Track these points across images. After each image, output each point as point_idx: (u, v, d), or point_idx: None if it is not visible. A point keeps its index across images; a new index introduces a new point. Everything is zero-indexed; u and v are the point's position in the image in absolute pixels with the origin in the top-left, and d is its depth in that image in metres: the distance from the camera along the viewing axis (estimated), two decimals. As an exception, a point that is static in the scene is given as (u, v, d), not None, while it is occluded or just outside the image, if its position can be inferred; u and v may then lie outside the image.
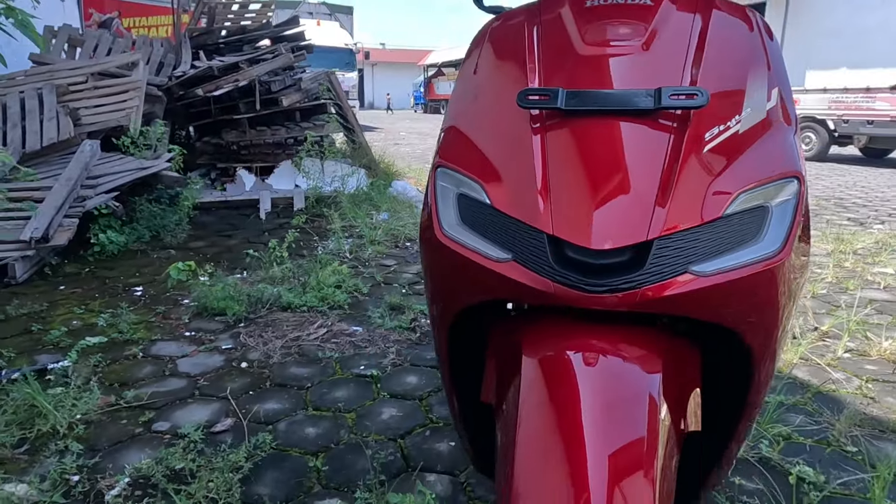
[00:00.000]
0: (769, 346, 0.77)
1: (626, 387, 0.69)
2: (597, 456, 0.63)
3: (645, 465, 0.64)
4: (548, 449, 0.66)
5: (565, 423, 0.67)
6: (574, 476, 0.63)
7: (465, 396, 0.98)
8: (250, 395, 1.99)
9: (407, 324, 2.56)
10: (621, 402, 0.68)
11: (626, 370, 0.71)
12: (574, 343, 0.73)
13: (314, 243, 3.93)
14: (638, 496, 0.62)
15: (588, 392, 0.68)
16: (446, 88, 34.51)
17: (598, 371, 0.70)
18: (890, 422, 1.82)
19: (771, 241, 0.72)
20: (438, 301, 0.90)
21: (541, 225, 0.73)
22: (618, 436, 0.65)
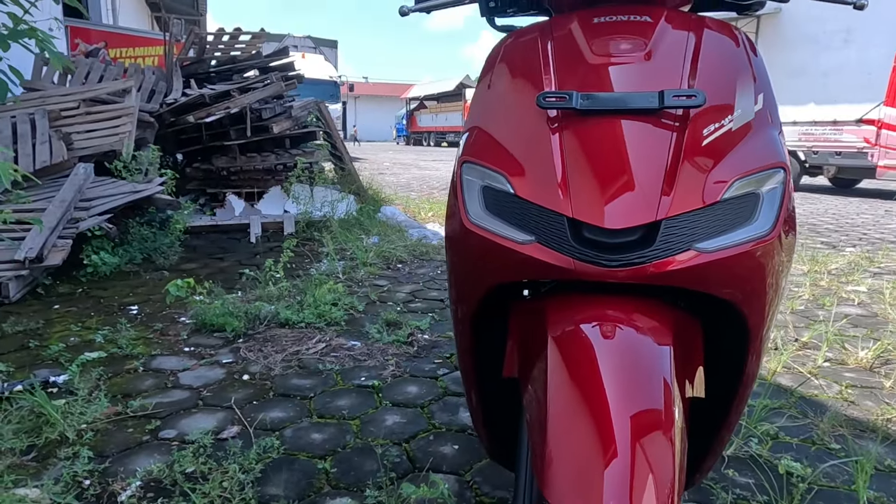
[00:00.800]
0: (763, 318, 0.86)
1: (643, 355, 0.77)
2: (620, 417, 0.70)
3: (664, 425, 0.71)
4: (576, 411, 0.73)
5: (590, 388, 0.74)
6: (601, 435, 0.70)
7: (481, 375, 1.05)
8: (254, 405, 2.02)
9: (404, 338, 2.62)
10: (640, 369, 0.75)
11: (641, 340, 0.79)
12: (593, 315, 0.81)
13: (307, 265, 3.98)
14: (659, 453, 0.69)
15: (608, 360, 0.76)
16: (428, 121, 35.08)
17: (616, 341, 0.78)
18: (870, 422, 1.92)
19: (763, 222, 0.81)
20: (463, 285, 0.97)
21: (561, 209, 0.81)
22: (638, 399, 0.72)
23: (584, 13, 0.99)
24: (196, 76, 6.48)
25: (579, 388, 0.75)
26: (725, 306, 0.85)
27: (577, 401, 0.74)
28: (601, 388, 0.73)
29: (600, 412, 0.71)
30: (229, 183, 5.80)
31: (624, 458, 0.66)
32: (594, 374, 0.75)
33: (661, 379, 0.75)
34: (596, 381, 0.74)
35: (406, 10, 1.25)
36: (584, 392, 0.75)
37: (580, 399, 0.74)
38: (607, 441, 0.68)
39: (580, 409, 0.73)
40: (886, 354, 2.46)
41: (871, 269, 4.12)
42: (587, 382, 0.75)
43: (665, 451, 0.70)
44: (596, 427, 0.70)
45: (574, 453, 0.71)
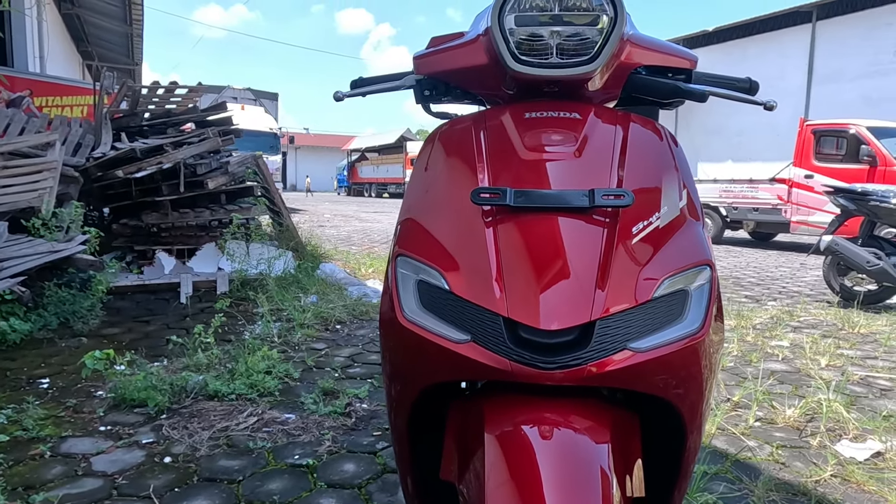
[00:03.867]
0: (696, 414, 0.86)
1: (581, 455, 0.76)
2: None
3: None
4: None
5: (529, 490, 0.71)
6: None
7: (420, 478, 1.00)
8: (176, 493, 1.86)
9: (342, 409, 2.52)
10: (579, 469, 0.74)
11: (579, 440, 0.77)
12: (530, 417, 0.79)
13: (240, 328, 3.82)
14: None
15: (547, 460, 0.74)
16: (369, 172, 35.31)
17: (554, 441, 0.76)
18: (800, 485, 1.97)
19: (692, 319, 0.83)
20: (399, 383, 0.93)
21: (497, 308, 0.80)
22: (579, 501, 0.71)
23: (515, 107, 1.01)
24: (128, 129, 6.28)
25: (518, 490, 0.73)
26: (660, 403, 0.85)
27: (515, 502, 0.72)
28: (540, 489, 0.71)
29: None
30: (159, 240, 5.56)
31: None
32: (533, 475, 0.73)
33: (599, 478, 0.74)
34: (535, 482, 0.72)
35: (341, 95, 1.24)
36: (522, 494, 0.72)
37: (519, 501, 0.72)
38: None
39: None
40: (811, 413, 2.56)
41: (791, 322, 4.35)
42: (526, 484, 0.73)
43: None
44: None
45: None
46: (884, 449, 2.20)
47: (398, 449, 0.99)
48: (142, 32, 16.02)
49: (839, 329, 4.14)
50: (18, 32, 11.25)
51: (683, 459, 0.90)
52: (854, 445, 2.23)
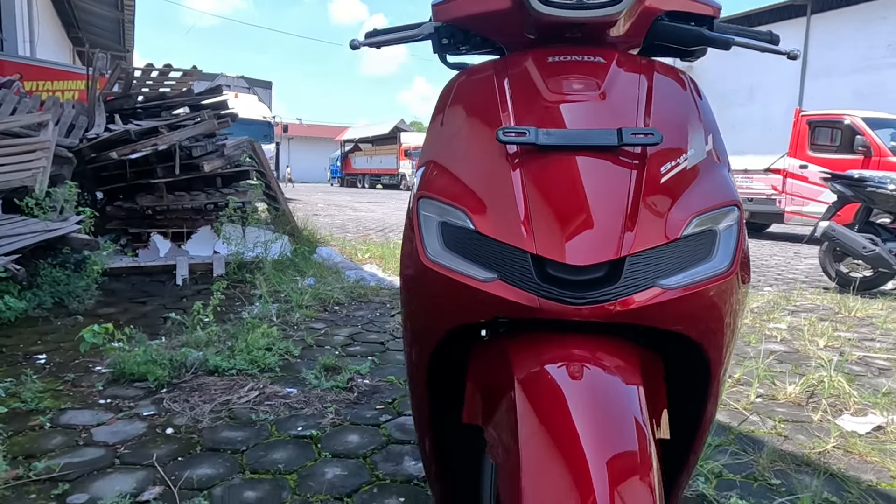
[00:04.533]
0: (721, 356, 0.86)
1: (613, 395, 0.74)
2: (597, 463, 0.66)
3: (641, 469, 0.68)
4: (549, 457, 0.68)
5: (563, 433, 0.69)
6: (578, 482, 0.65)
7: (438, 422, 0.98)
8: (179, 462, 1.84)
9: (344, 384, 2.50)
10: (611, 410, 0.72)
11: (610, 380, 0.76)
12: (559, 355, 0.77)
13: (238, 308, 3.79)
14: (638, 497, 0.66)
15: (579, 402, 0.72)
16: (363, 163, 35.15)
17: (585, 382, 0.75)
18: (804, 456, 1.97)
19: (721, 259, 0.82)
20: (421, 326, 0.92)
21: (524, 245, 0.79)
22: (614, 443, 0.68)
23: (538, 52, 0.99)
24: (121, 112, 6.20)
25: (551, 434, 0.71)
26: (686, 345, 0.84)
27: (550, 447, 0.70)
28: (574, 432, 0.69)
29: (576, 458, 0.67)
30: (154, 222, 5.50)
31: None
32: (566, 418, 0.71)
33: (633, 420, 0.72)
34: (568, 424, 0.70)
35: (357, 43, 1.22)
36: (556, 437, 0.70)
37: (553, 445, 0.70)
38: (585, 489, 0.64)
39: (554, 456, 0.69)
40: (812, 388, 2.57)
41: (788, 307, 4.37)
42: (559, 427, 0.71)
43: (644, 496, 0.66)
44: (572, 474, 0.66)
45: (551, 501, 0.66)
46: (885, 423, 2.22)
47: (417, 393, 0.98)
48: (133, 18, 15.82)
49: (836, 313, 4.17)
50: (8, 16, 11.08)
51: (706, 406, 0.89)
52: (855, 419, 2.25)
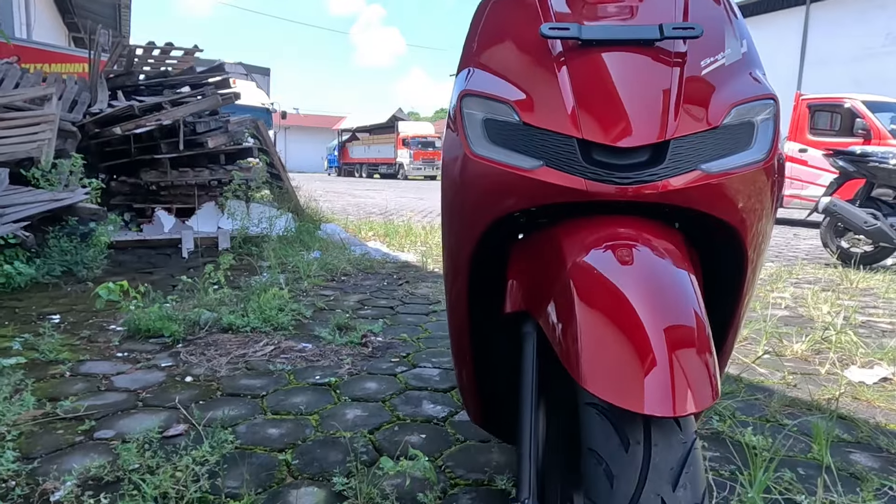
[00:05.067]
0: (757, 243, 0.88)
1: (666, 272, 0.75)
2: (655, 331, 0.67)
3: (697, 340, 0.69)
4: (609, 328, 0.69)
5: (620, 306, 0.71)
6: (638, 348, 0.66)
7: (476, 316, 1.01)
8: (201, 405, 1.87)
9: (358, 340, 2.53)
10: (665, 285, 0.73)
11: (661, 259, 0.77)
12: (609, 235, 0.79)
13: (246, 278, 3.81)
14: (696, 366, 0.67)
15: (633, 278, 0.73)
16: (360, 153, 35.04)
17: (638, 260, 0.76)
18: (814, 402, 2.01)
19: (759, 148, 0.84)
20: (465, 222, 0.94)
21: (571, 132, 0.81)
22: (669, 314, 0.70)
23: None
24: (123, 89, 6.19)
25: (609, 308, 0.72)
26: (723, 232, 0.87)
27: (609, 320, 0.71)
28: (631, 306, 0.71)
29: (634, 328, 0.68)
30: (158, 198, 5.51)
31: (663, 369, 0.64)
32: (622, 293, 0.72)
33: (687, 293, 0.73)
34: (624, 299, 0.71)
35: None
36: (614, 311, 0.71)
37: (611, 318, 0.71)
38: (644, 353, 0.66)
39: (613, 327, 0.70)
40: (818, 346, 2.61)
41: (791, 279, 4.41)
42: (616, 301, 0.72)
43: (700, 364, 0.68)
44: (632, 342, 0.67)
45: (613, 359, 0.67)
46: (891, 374, 2.26)
47: (456, 289, 1.00)
48: (129, 2, 15.69)
49: (838, 284, 4.21)
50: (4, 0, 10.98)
51: (743, 285, 0.91)
52: (862, 371, 2.29)
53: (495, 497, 1.40)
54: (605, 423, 0.65)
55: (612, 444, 0.63)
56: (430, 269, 4.41)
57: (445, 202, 1.00)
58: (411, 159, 29.79)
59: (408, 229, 6.33)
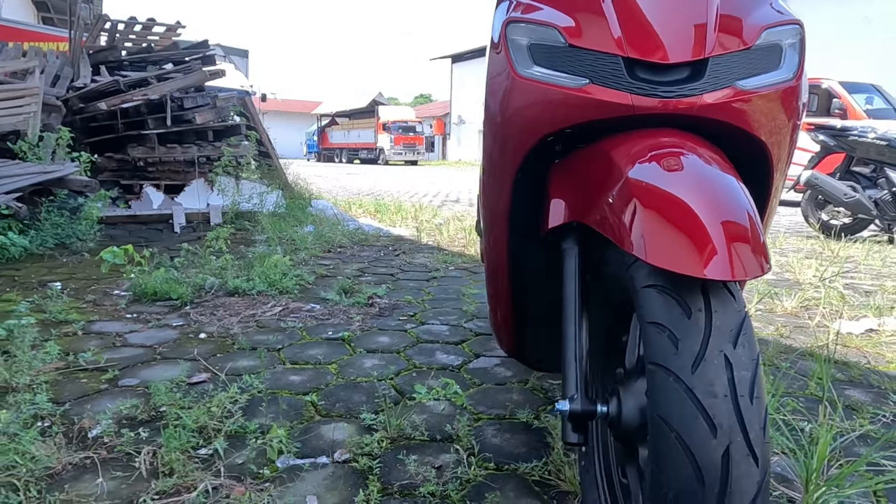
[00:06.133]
0: (782, 159, 0.95)
1: (716, 175, 0.79)
2: (713, 225, 0.70)
3: (751, 226, 0.72)
4: (670, 217, 0.73)
5: (678, 206, 0.74)
6: (697, 232, 0.70)
7: (516, 241, 1.06)
8: (218, 357, 1.90)
9: (364, 301, 2.58)
10: (717, 185, 0.77)
11: (710, 165, 0.80)
12: (660, 145, 0.84)
13: (244, 249, 3.81)
14: (750, 242, 0.70)
15: (686, 180, 0.76)
16: (340, 138, 34.73)
17: (689, 165, 0.79)
18: (806, 349, 2.12)
19: (787, 69, 0.91)
20: (510, 139, 0.99)
21: (616, 51, 0.86)
22: (723, 210, 0.73)
23: None
24: (106, 64, 6.08)
25: (667, 208, 0.75)
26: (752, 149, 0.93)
27: (666, 209, 0.74)
28: (685, 200, 0.74)
29: (691, 215, 0.72)
30: (146, 175, 5.44)
31: (720, 242, 0.69)
32: (676, 190, 0.75)
33: (737, 192, 0.76)
34: (678, 195, 0.75)
35: None
36: (672, 210, 0.74)
37: (669, 208, 0.74)
38: (701, 232, 0.70)
39: (671, 213, 0.74)
40: (807, 303, 2.73)
41: (775, 249, 4.55)
42: (671, 196, 0.75)
43: (753, 241, 0.71)
44: (689, 224, 0.71)
45: (673, 238, 0.71)
46: (877, 325, 2.38)
47: (499, 210, 1.05)
48: (103, -20, 15.29)
49: (820, 253, 4.36)
50: (-29, -26, 10.63)
51: (769, 199, 0.97)
52: (850, 323, 2.40)
53: (518, 428, 1.46)
54: (667, 297, 0.70)
55: (675, 313, 0.69)
56: (425, 242, 4.46)
57: (489, 124, 1.04)
58: (392, 144, 29.62)
59: (398, 207, 6.36)
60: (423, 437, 1.39)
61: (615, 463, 1.01)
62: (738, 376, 0.65)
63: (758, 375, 0.67)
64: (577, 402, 0.87)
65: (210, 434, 1.33)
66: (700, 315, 0.69)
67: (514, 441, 1.40)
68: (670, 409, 0.65)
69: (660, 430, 0.66)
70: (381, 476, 1.22)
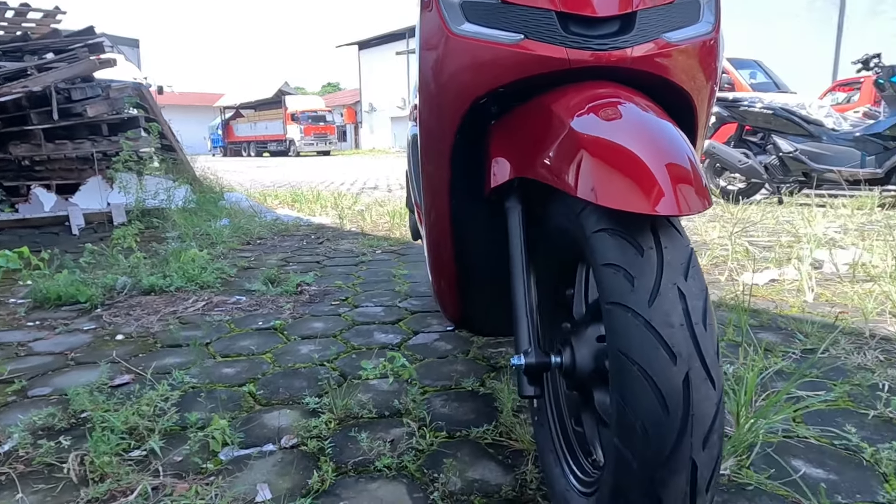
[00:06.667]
0: (704, 111, 0.99)
1: (654, 122, 0.80)
2: (656, 163, 0.72)
3: (693, 169, 0.73)
4: (616, 160, 0.74)
5: (621, 151, 0.75)
6: (643, 173, 0.71)
7: (460, 196, 1.06)
8: (141, 357, 1.78)
9: (293, 289, 2.49)
10: (656, 132, 0.78)
11: (646, 113, 0.81)
12: (598, 96, 0.85)
13: (154, 248, 3.58)
14: (694, 183, 0.72)
15: (626, 127, 0.78)
16: (247, 130, 33.35)
17: (626, 114, 0.80)
18: (718, 300, 2.27)
19: (706, 23, 0.95)
20: (445, 102, 0.97)
21: (549, 5, 0.87)
22: (664, 153, 0.74)
23: None
24: (-25, 54, 5.47)
25: (611, 153, 0.76)
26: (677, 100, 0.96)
27: (612, 163, 0.75)
28: (630, 151, 0.75)
29: (634, 159, 0.74)
30: (34, 174, 4.98)
31: (665, 181, 0.71)
32: (618, 138, 0.76)
33: (676, 137, 0.78)
34: (623, 146, 0.76)
35: None
36: (616, 155, 0.75)
37: (614, 160, 0.75)
38: (647, 173, 0.72)
39: (617, 167, 0.75)
40: (715, 260, 2.92)
41: (680, 216, 4.84)
42: (616, 148, 0.76)
43: (696, 182, 0.73)
44: (635, 166, 0.73)
45: (622, 180, 0.73)
46: (778, 275, 2.59)
47: (438, 174, 1.04)
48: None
49: (721, 216, 4.69)
50: None
51: (695, 143, 1.02)
52: (756, 275, 2.60)
53: (465, 396, 1.47)
54: (618, 239, 0.72)
55: (628, 253, 0.71)
56: (348, 229, 4.38)
57: (424, 88, 1.02)
58: (302, 135, 28.82)
59: (316, 196, 6.20)
60: (371, 414, 1.37)
61: (568, 414, 1.04)
62: (692, 306, 0.68)
63: (708, 304, 0.70)
64: (532, 356, 0.88)
65: (143, 434, 1.24)
66: (652, 252, 0.71)
67: (463, 409, 1.41)
68: (630, 343, 0.67)
69: (621, 365, 0.68)
70: (333, 456, 1.19)
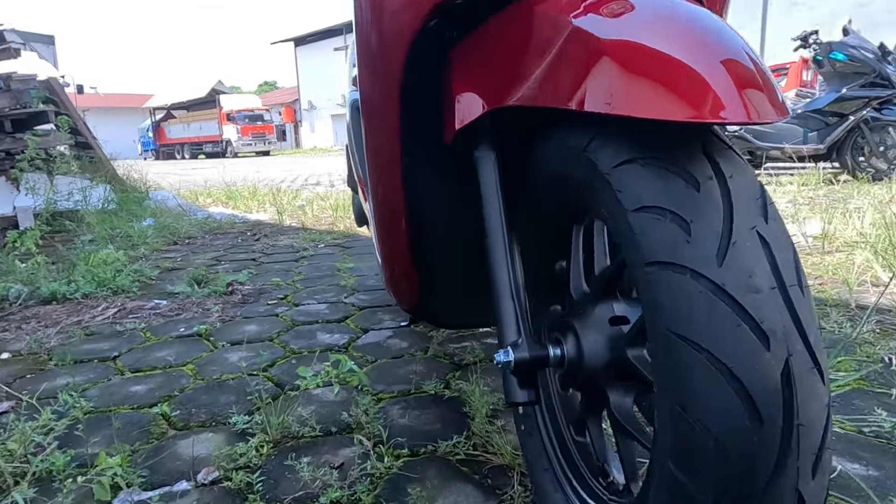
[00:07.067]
0: None
1: (696, 11, 0.58)
2: (711, 63, 0.50)
3: (759, 73, 0.53)
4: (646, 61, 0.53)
5: (652, 47, 0.53)
6: (697, 84, 0.50)
7: (418, 140, 0.81)
8: (29, 378, 1.46)
9: (223, 289, 2.19)
10: (703, 22, 0.56)
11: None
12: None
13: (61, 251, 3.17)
14: (767, 105, 0.49)
15: (655, 14, 0.56)
16: (179, 132, 31.91)
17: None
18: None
19: None
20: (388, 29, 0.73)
21: None
22: (717, 50, 0.52)
23: None
24: None
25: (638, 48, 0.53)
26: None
27: (643, 59, 0.53)
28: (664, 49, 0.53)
29: (676, 64, 0.52)
30: (-77, 178, 4.41)
31: (724, 77, 0.48)
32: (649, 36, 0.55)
33: (732, 31, 0.57)
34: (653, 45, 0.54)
35: None
36: (645, 52, 0.53)
37: (645, 57, 0.53)
38: (700, 88, 0.50)
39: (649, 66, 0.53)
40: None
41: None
42: (643, 47, 0.54)
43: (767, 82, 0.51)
44: (676, 78, 0.51)
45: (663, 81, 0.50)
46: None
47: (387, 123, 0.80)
48: None
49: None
50: None
51: None
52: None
53: (427, 402, 1.24)
54: (658, 169, 0.50)
55: (677, 189, 0.49)
56: (288, 224, 4.05)
57: (360, 17, 0.78)
58: (239, 135, 27.76)
59: (252, 192, 5.81)
60: (314, 432, 1.12)
61: (565, 421, 0.82)
62: (781, 260, 0.46)
63: (798, 258, 0.48)
64: (524, 348, 0.65)
65: (6, 482, 0.94)
66: (712, 185, 0.49)
67: (426, 418, 1.17)
68: (692, 319, 0.45)
69: (678, 353, 0.45)
70: (265, 492, 0.93)
